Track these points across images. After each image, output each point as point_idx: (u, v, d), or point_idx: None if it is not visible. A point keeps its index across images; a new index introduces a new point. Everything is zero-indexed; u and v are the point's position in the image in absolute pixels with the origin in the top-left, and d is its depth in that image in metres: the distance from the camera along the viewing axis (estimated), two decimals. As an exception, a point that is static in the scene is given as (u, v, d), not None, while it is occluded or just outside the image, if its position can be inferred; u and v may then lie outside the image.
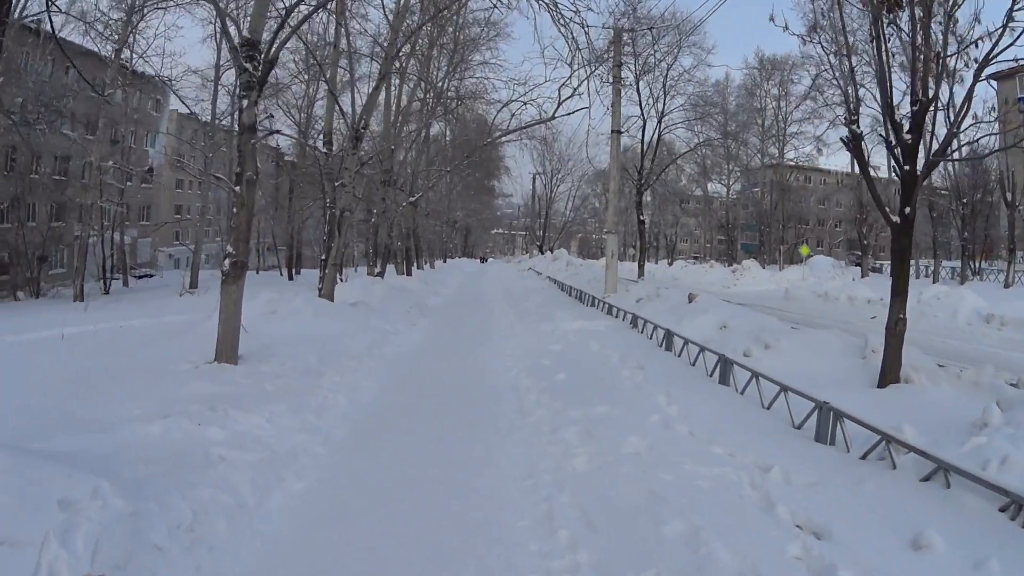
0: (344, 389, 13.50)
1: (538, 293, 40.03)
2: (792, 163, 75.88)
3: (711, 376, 14.75)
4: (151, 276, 62.44)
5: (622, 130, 34.55)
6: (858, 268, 61.30)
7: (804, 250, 61.86)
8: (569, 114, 28.45)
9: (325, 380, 13.88)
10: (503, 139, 41.42)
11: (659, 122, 44.18)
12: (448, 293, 41.91)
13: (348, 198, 24.32)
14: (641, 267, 42.71)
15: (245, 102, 14.47)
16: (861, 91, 18.32)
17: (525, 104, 29.45)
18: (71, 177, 48.95)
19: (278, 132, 16.43)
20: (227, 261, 14.51)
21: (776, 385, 11.79)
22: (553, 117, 28.19)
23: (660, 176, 48.26)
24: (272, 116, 15.77)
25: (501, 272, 77.27)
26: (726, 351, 15.00)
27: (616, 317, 25.31)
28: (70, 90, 47.41)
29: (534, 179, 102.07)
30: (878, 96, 14.04)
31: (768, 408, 11.91)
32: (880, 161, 43.16)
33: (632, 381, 14.18)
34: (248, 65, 14.15)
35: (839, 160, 71.27)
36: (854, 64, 16.13)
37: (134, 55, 44.00)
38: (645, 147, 44.47)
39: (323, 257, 25.24)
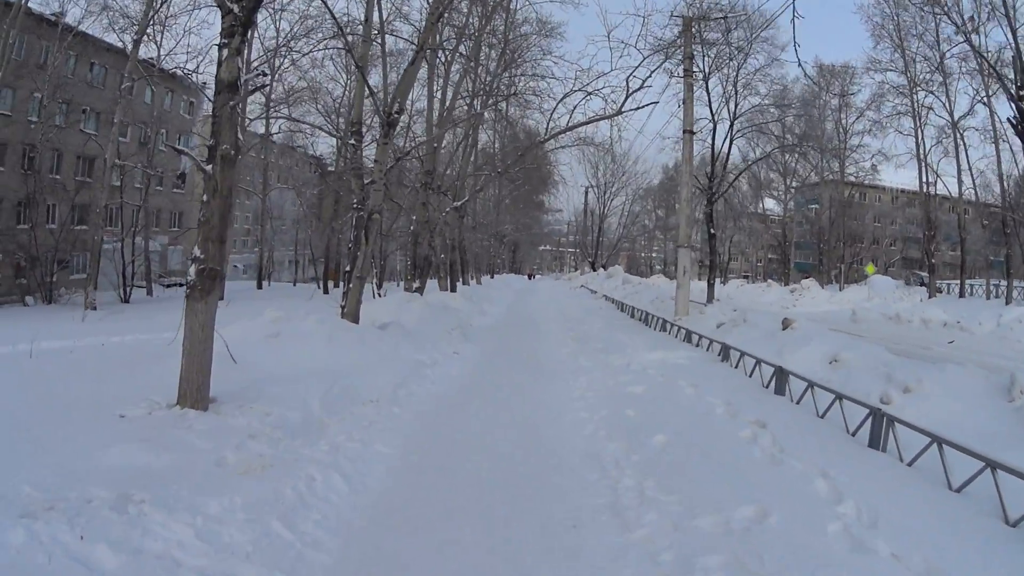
0: (345, 460, 9.37)
1: (596, 314, 35.95)
2: (852, 178, 70.78)
3: (853, 435, 10.64)
4: (181, 285, 57.27)
5: (695, 131, 30.39)
6: (921, 288, 58.05)
7: (870, 269, 59.94)
8: (637, 108, 23.92)
9: (322, 443, 10.00)
10: (560, 139, 37.21)
11: (731, 125, 39.58)
12: (496, 312, 38.03)
13: (378, 197, 20.08)
14: (711, 287, 38.30)
15: (225, 52, 10.38)
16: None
17: (589, 95, 25.55)
18: (95, 179, 45.23)
19: (264, 82, 11.59)
20: (193, 268, 10.35)
21: (978, 460, 7.91)
22: (620, 111, 24.38)
23: (732, 185, 43.60)
24: (267, 75, 11.37)
25: (551, 289, 73.59)
26: (856, 394, 11.47)
27: (698, 347, 21.06)
28: (93, 86, 45.67)
29: (586, 192, 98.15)
30: None
31: (958, 491, 8.17)
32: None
33: (761, 449, 9.98)
34: (233, 4, 10.15)
35: (898, 176, 65.76)
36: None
37: (160, 52, 42.58)
38: (716, 152, 39.87)
39: (346, 268, 20.79)
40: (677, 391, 14.01)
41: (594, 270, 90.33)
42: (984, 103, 48.24)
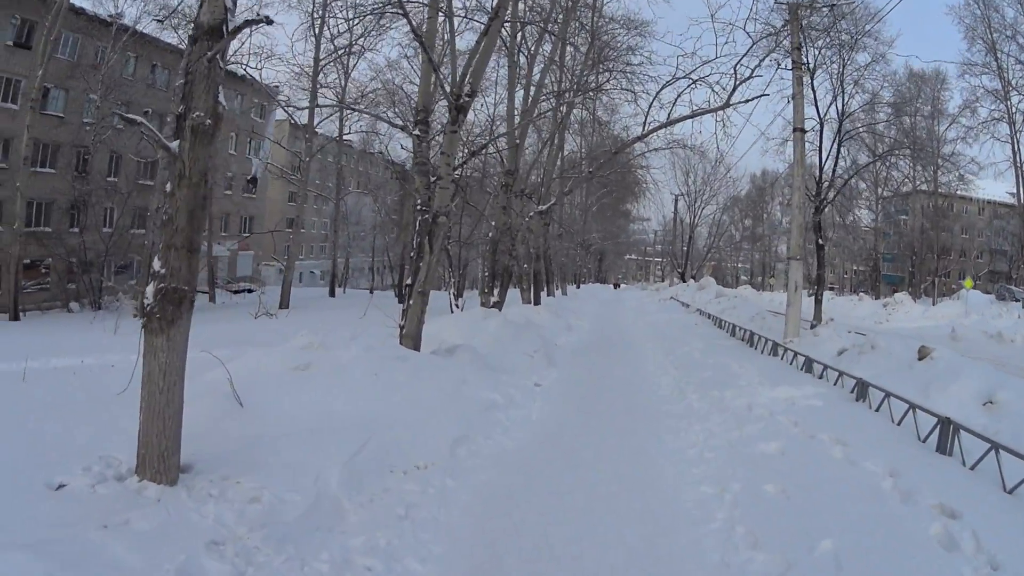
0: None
1: (692, 332, 32.34)
2: (944, 189, 67.05)
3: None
4: (250, 291, 57.06)
5: (805, 129, 26.82)
6: (1016, 304, 55.06)
7: (968, 284, 55.73)
8: (746, 101, 20.85)
9: (325, 554, 6.84)
10: (651, 142, 33.75)
11: (840, 125, 35.59)
12: (583, 327, 34.49)
13: (445, 196, 16.62)
14: (819, 304, 34.46)
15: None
16: None
17: (694, 83, 22.08)
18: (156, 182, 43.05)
19: (258, 22, 8.23)
20: (151, 288, 7.16)
21: None
22: (728, 104, 21.32)
23: (841, 191, 39.73)
24: (270, 21, 8.26)
25: (638, 300, 69.55)
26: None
27: (822, 378, 17.52)
28: (153, 87, 45.66)
29: (676, 201, 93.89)
30: None
31: None
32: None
33: (966, 559, 6.84)
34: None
35: (987, 186, 62.52)
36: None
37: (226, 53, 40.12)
38: (825, 156, 35.86)
39: (407, 282, 17.31)
40: (821, 450, 10.67)
41: (683, 281, 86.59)
42: None
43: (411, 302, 16.70)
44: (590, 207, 76.21)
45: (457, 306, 34.22)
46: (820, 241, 34.96)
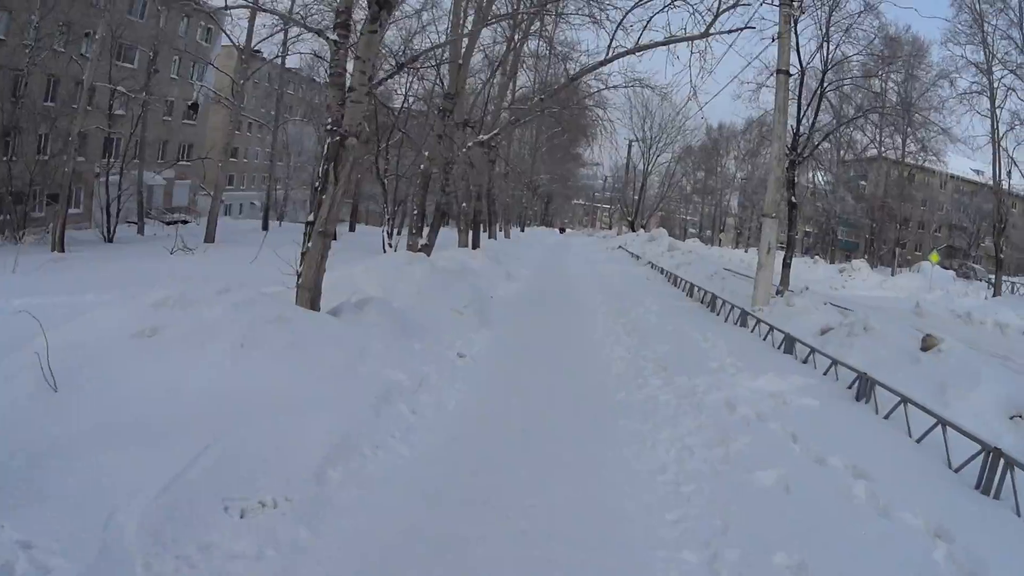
0: None
1: (646, 289, 29.38)
2: (911, 158, 65.20)
3: None
4: (185, 222, 53.75)
5: (790, 72, 23.93)
6: (980, 283, 56.84)
7: (934, 258, 55.21)
8: (727, 32, 18.02)
9: None
10: (612, 78, 30.91)
11: (823, 75, 32.49)
12: (525, 277, 31.62)
13: (357, 113, 13.17)
14: (787, 268, 31.57)
15: None
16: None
17: (672, 2, 19.09)
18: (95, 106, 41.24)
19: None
20: None
21: None
22: (707, 33, 19.51)
23: (819, 146, 36.81)
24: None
25: (586, 248, 66.92)
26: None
27: (805, 362, 14.90)
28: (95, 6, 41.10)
29: (630, 146, 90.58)
30: None
31: None
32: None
33: None
34: None
35: (955, 162, 61.59)
36: None
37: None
38: (804, 107, 32.61)
39: (308, 218, 13.79)
40: (837, 486, 7.75)
41: (633, 230, 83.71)
42: None
43: (310, 244, 13.40)
44: (540, 147, 73.71)
45: (391, 246, 31.21)
46: (792, 199, 32.05)
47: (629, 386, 12.85)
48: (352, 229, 57.70)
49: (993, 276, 57.74)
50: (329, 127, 13.40)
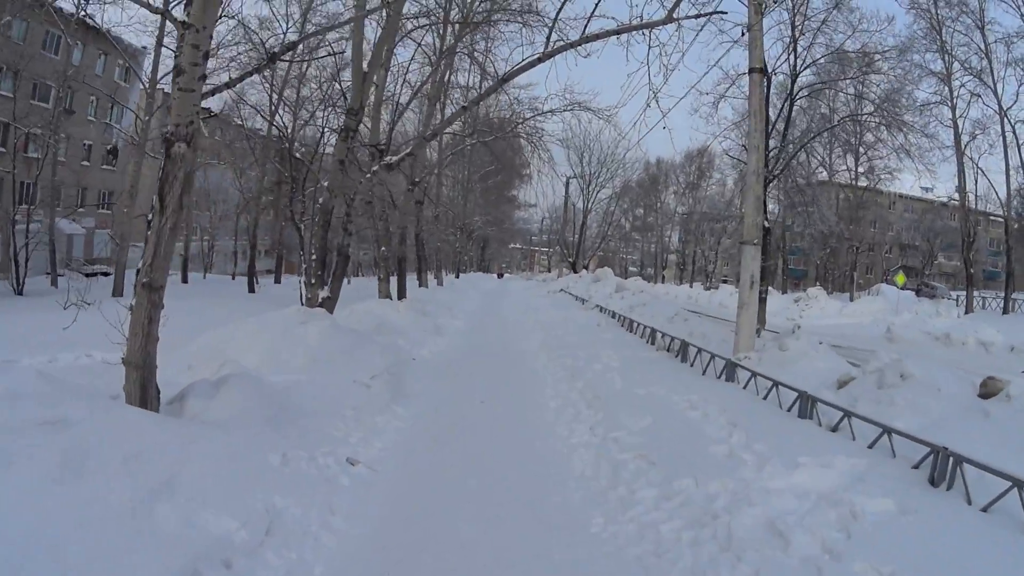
0: None
1: (599, 337, 24.98)
2: (866, 177, 63.62)
3: None
4: (107, 275, 48.61)
5: (765, 70, 20.38)
6: (948, 301, 54.38)
7: (900, 279, 53.38)
8: (696, 16, 14.20)
9: None
10: (547, 103, 27.03)
11: (793, 80, 28.72)
12: (457, 330, 27.21)
13: (187, 105, 8.68)
14: (763, 303, 27.63)
15: None
16: None
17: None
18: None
19: None
20: None
21: None
22: (671, 19, 15.41)
23: (794, 159, 32.90)
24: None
25: (526, 293, 61.93)
26: None
27: (835, 431, 10.93)
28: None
29: (567, 183, 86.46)
30: None
31: None
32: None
33: None
34: None
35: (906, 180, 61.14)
36: None
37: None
38: (773, 118, 28.79)
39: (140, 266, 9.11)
40: None
41: (575, 271, 79.81)
42: None
43: (133, 302, 9.03)
44: (472, 187, 70.13)
45: (310, 298, 27.13)
46: (766, 223, 28.08)
47: (606, 503, 8.44)
48: (278, 281, 53.75)
49: (954, 293, 58.85)
50: (165, 134, 9.11)
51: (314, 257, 18.04)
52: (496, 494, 8.57)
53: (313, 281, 17.91)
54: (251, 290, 44.65)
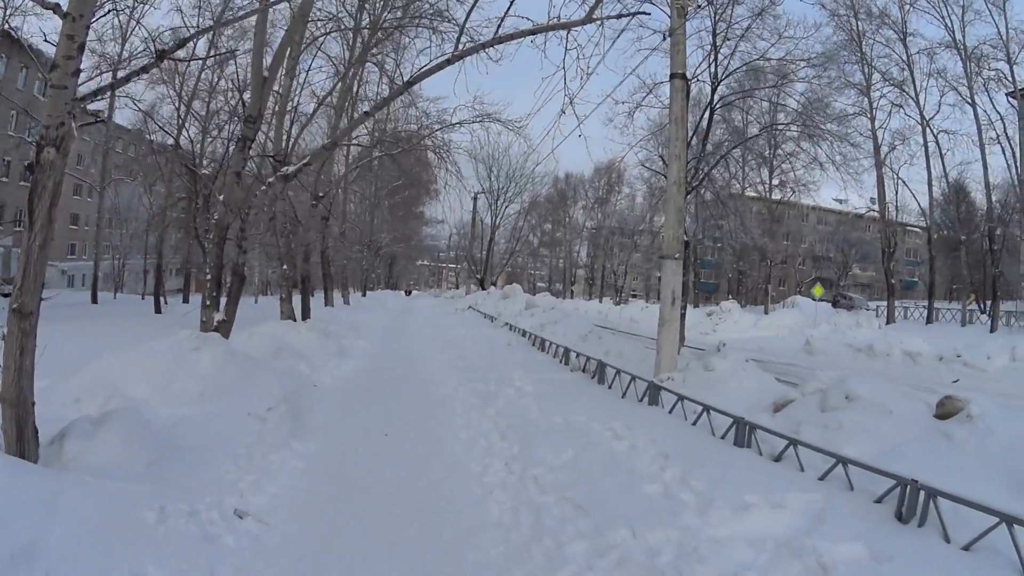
0: None
1: (509, 357, 24.31)
2: (779, 190, 64.56)
3: None
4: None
5: (687, 76, 19.71)
6: (864, 311, 57.20)
7: (818, 291, 52.92)
8: (619, 16, 13.30)
9: None
10: (456, 114, 26.31)
11: (714, 88, 27.95)
12: (363, 351, 25.61)
13: (57, 106, 7.44)
14: (682, 320, 26.88)
15: None
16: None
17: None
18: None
19: None
20: None
21: None
22: (590, 19, 14.49)
23: (713, 170, 32.04)
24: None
25: (434, 310, 60.60)
26: None
27: (778, 460, 10.19)
28: None
29: (475, 199, 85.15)
30: None
31: None
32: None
33: None
34: None
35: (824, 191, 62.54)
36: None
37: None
38: (695, 126, 28.04)
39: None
40: None
41: (483, 288, 78.60)
42: (970, 103, 44.72)
43: (6, 330, 7.93)
44: (380, 203, 69.12)
45: (205, 321, 25.64)
46: (685, 237, 27.35)
47: (531, 560, 7.45)
48: (186, 300, 51.05)
49: (873, 303, 61.15)
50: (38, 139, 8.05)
51: (208, 277, 16.61)
52: (406, 552, 7.52)
53: (208, 303, 16.43)
54: (158, 310, 42.87)
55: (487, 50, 14.58)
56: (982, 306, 52.72)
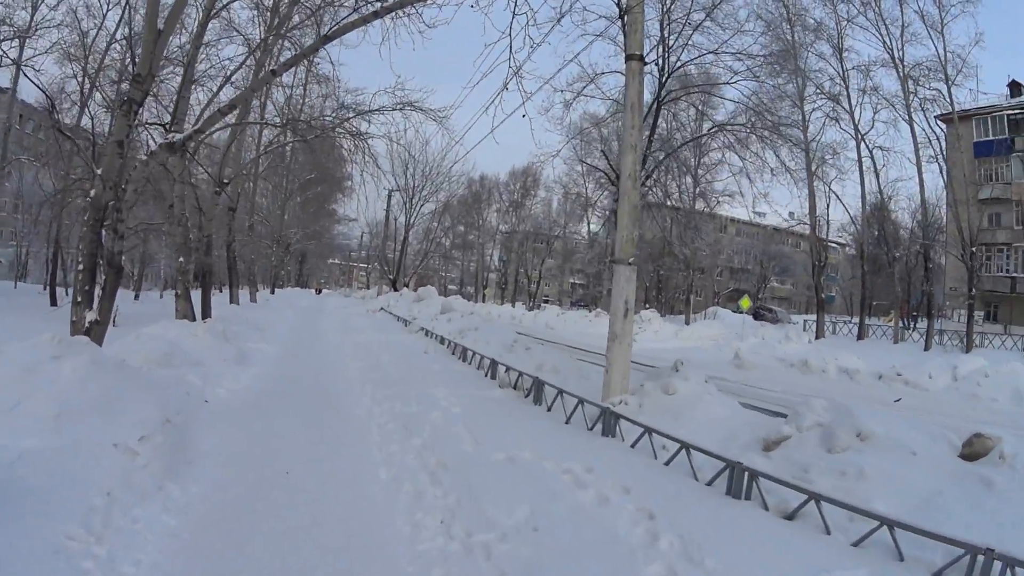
0: None
1: (428, 368, 21.75)
2: (701, 199, 63.27)
3: None
4: None
5: (644, 58, 17.54)
6: (788, 324, 57.93)
7: (745, 303, 53.41)
8: None
9: None
10: (381, 95, 24.01)
11: (662, 80, 26.10)
12: (266, 356, 22.79)
13: None
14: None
15: None
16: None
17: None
18: None
19: None
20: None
21: None
22: None
23: (661, 165, 30.25)
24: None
25: (345, 311, 57.76)
26: None
27: (791, 519, 8.19)
28: None
29: (389, 196, 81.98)
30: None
31: None
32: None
33: None
34: None
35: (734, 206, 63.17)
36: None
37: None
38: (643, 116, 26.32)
39: None
40: None
41: (395, 289, 75.84)
42: (906, 120, 46.93)
43: None
44: (291, 197, 66.55)
45: (75, 321, 23.22)
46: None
47: None
48: (54, 302, 46.54)
49: (795, 317, 62.73)
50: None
51: (81, 268, 13.67)
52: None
53: (79, 299, 13.53)
54: (53, 303, 39.83)
55: (420, 9, 12.29)
56: (906, 323, 54.48)
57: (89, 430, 9.42)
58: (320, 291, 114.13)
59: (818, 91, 46.90)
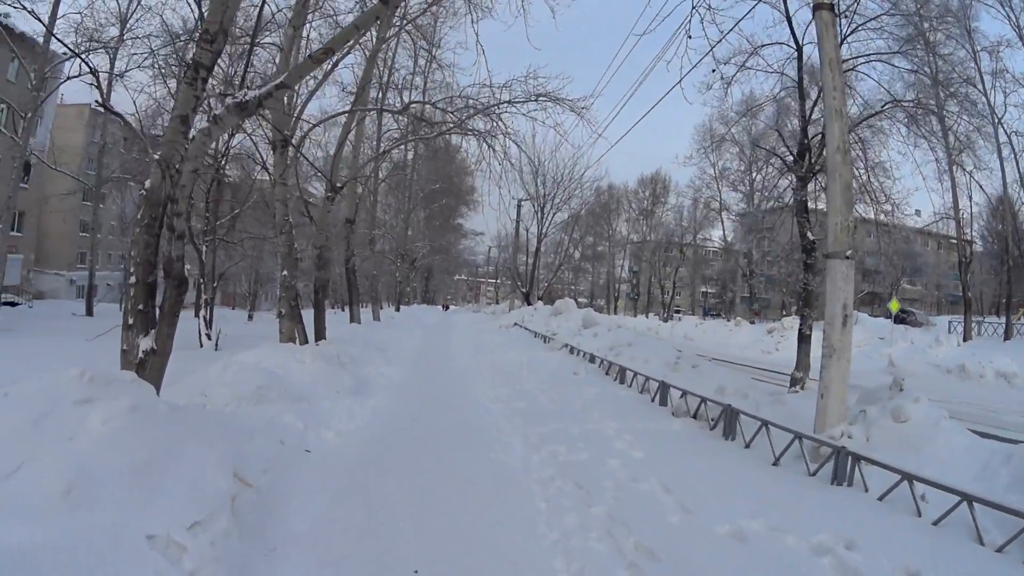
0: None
1: (582, 392, 18.49)
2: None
3: None
4: (14, 304, 47.85)
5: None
6: (932, 327, 53.09)
7: (894, 305, 52.32)
8: None
9: None
10: (514, 86, 20.93)
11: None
12: (388, 383, 19.50)
13: None
14: (805, 343, 21.12)
15: None
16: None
17: None
18: None
19: None
20: None
21: None
22: None
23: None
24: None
25: (475, 328, 54.46)
26: None
27: None
28: None
29: (519, 205, 78.38)
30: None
31: None
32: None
33: None
34: None
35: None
36: None
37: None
38: (811, 101, 22.31)
39: None
40: None
41: (528, 303, 72.63)
42: None
43: None
44: (415, 206, 63.90)
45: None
46: (810, 235, 21.27)
47: None
48: (197, 315, 45.53)
49: (932, 318, 59.86)
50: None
51: (133, 281, 10.01)
52: None
53: (131, 322, 9.89)
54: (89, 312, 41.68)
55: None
56: (1032, 320, 50.68)
57: (112, 513, 6.10)
58: (447, 307, 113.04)
59: (954, 72, 41.10)
